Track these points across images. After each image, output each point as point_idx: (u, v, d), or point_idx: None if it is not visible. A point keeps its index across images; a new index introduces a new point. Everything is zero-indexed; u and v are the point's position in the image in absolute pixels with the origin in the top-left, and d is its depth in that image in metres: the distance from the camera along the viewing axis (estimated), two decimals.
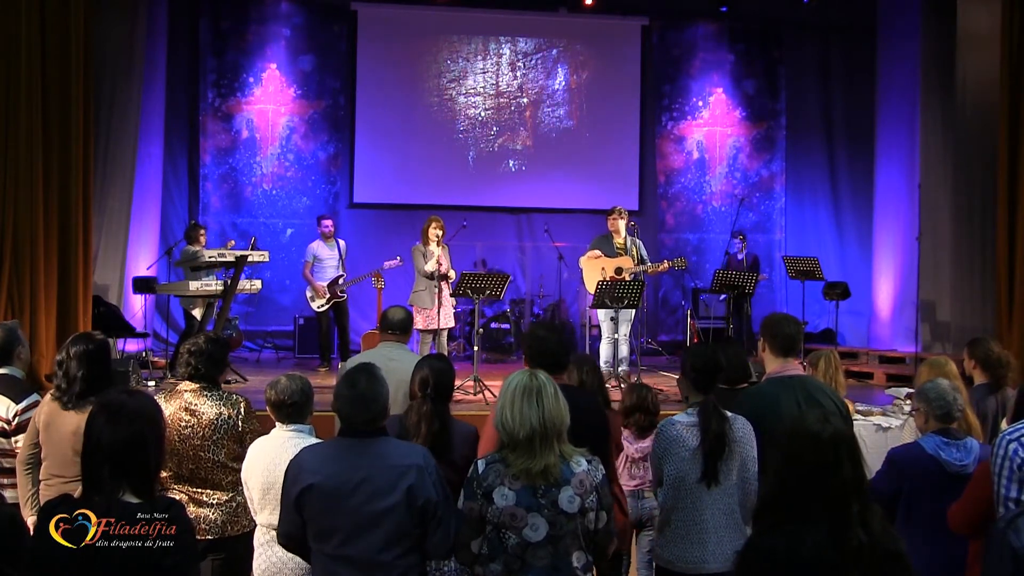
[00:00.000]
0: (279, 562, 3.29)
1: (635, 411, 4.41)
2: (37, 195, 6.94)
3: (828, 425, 2.15)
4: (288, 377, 3.40)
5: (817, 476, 2.09)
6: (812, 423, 2.18)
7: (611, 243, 8.02)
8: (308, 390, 3.40)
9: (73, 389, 3.53)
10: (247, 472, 3.39)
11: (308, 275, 9.05)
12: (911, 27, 9.85)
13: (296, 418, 3.37)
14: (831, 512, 2.06)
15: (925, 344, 9.38)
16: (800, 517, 2.08)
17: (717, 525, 3.22)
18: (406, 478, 2.73)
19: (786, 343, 3.62)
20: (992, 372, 4.37)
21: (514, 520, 2.67)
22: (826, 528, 2.05)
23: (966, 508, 3.16)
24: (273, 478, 3.24)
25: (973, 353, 4.47)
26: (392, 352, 4.23)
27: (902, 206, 10.13)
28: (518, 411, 2.70)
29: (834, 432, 2.13)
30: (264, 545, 3.37)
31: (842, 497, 2.07)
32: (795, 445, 2.16)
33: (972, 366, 4.47)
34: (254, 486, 3.36)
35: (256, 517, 3.43)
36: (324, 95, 11.12)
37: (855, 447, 2.15)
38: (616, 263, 7.89)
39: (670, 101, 11.77)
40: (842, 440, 2.13)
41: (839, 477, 2.08)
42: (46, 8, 7.02)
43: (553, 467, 2.67)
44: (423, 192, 11.08)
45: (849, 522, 2.05)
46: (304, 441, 3.28)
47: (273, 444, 3.36)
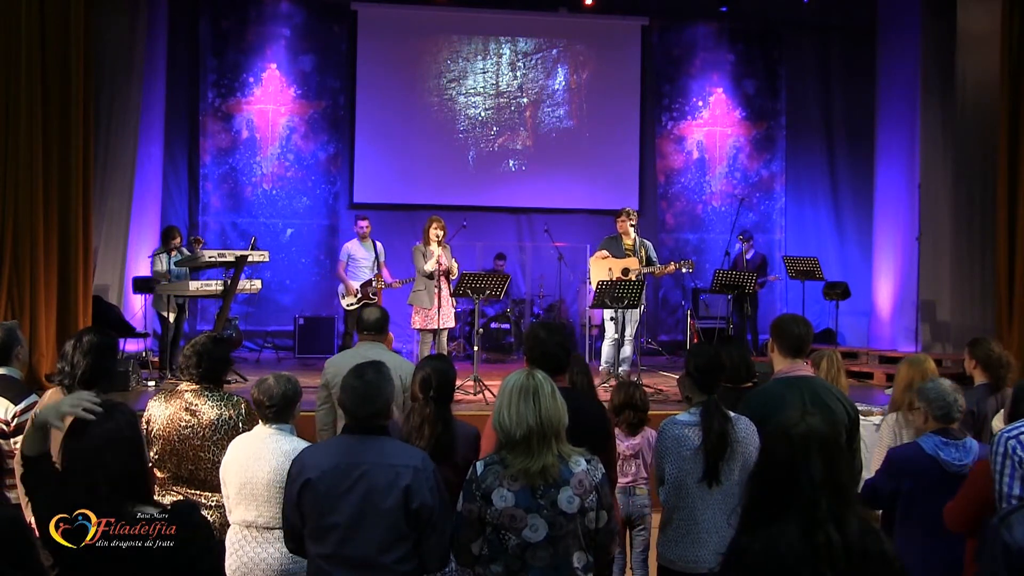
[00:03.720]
0: (250, 562, 3.25)
1: (624, 409, 4.44)
2: (37, 195, 6.94)
3: (802, 423, 2.13)
4: (275, 378, 3.38)
5: (787, 473, 2.08)
6: (786, 420, 2.16)
7: (620, 244, 8.00)
8: (292, 393, 3.36)
9: (76, 374, 3.52)
10: (225, 468, 3.35)
11: (342, 274, 8.94)
12: (911, 27, 9.84)
13: (277, 419, 3.36)
14: (800, 511, 2.04)
15: (925, 344, 9.38)
16: (774, 516, 2.07)
17: (718, 525, 3.22)
18: (403, 478, 2.73)
19: (795, 343, 3.61)
20: (993, 372, 4.37)
21: (513, 521, 2.67)
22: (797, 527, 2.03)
23: (962, 507, 3.17)
24: (249, 475, 3.22)
25: (974, 353, 4.45)
26: (369, 351, 4.22)
27: (902, 206, 10.13)
28: (515, 411, 2.69)
29: (806, 430, 2.11)
30: (236, 543, 3.31)
31: (811, 495, 2.04)
32: (769, 442, 2.17)
33: (973, 366, 4.46)
34: (230, 482, 3.31)
35: (230, 515, 3.37)
36: (324, 95, 11.12)
37: (832, 446, 2.11)
38: (623, 264, 7.88)
39: (670, 101, 11.78)
40: (814, 438, 2.09)
41: (807, 475, 2.05)
42: (46, 8, 7.02)
43: (551, 467, 2.67)
44: (423, 192, 11.08)
45: (818, 521, 2.02)
46: (284, 439, 3.27)
47: (252, 441, 3.33)
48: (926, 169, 9.58)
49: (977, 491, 3.11)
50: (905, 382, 4.09)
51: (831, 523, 2.02)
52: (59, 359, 3.64)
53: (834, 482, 2.07)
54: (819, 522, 2.02)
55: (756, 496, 2.16)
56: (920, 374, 4.03)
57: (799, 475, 2.06)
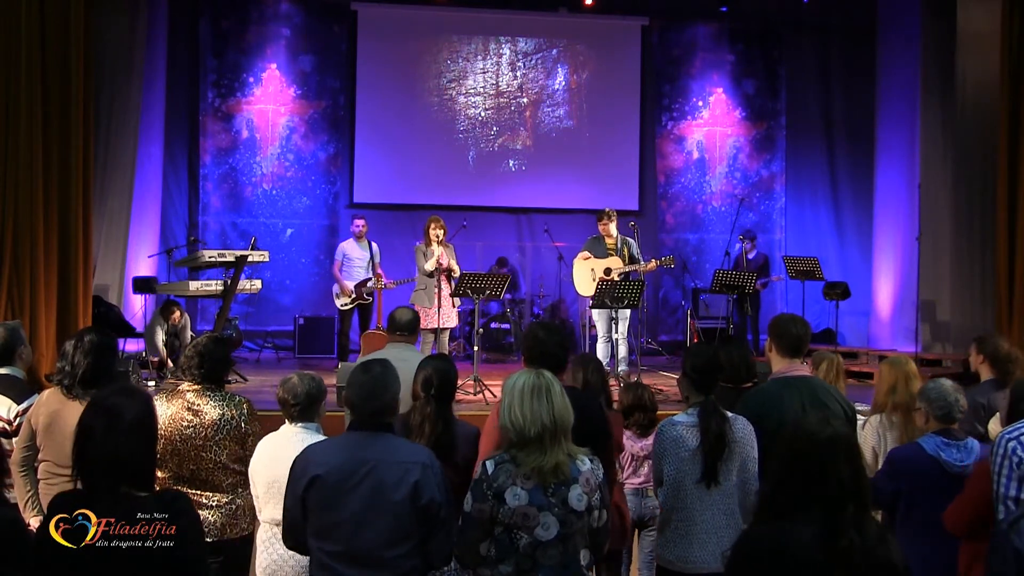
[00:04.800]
0: (280, 559, 3.30)
1: (634, 410, 4.42)
2: (37, 195, 6.94)
3: (827, 427, 2.15)
4: (299, 377, 3.42)
5: (813, 477, 2.09)
6: (811, 424, 2.18)
7: (602, 244, 8.04)
8: (316, 392, 3.40)
9: (76, 373, 3.52)
10: (253, 468, 3.41)
11: (337, 273, 8.89)
12: (911, 27, 9.85)
13: (303, 417, 3.39)
14: (826, 513, 2.06)
15: (925, 344, 9.39)
16: (794, 516, 2.09)
17: (717, 525, 3.22)
18: (412, 474, 2.74)
19: (793, 344, 3.61)
20: (1000, 368, 4.34)
21: (526, 520, 2.66)
22: (819, 528, 2.04)
23: (963, 509, 3.16)
24: (277, 473, 3.24)
25: (982, 348, 4.44)
26: (401, 353, 4.22)
27: (902, 206, 10.13)
28: (528, 408, 2.69)
29: (832, 434, 2.13)
30: (266, 542, 3.37)
31: (838, 499, 2.06)
32: (794, 445, 2.17)
33: (980, 361, 4.43)
34: (258, 481, 3.37)
35: (260, 514, 3.43)
36: (324, 95, 11.12)
37: (854, 450, 2.14)
38: (605, 264, 7.92)
39: (670, 101, 11.78)
40: (840, 442, 2.12)
41: (835, 479, 2.07)
42: (46, 8, 7.02)
43: (563, 464, 2.68)
44: (423, 192, 11.08)
45: (843, 524, 2.04)
46: (311, 438, 3.29)
47: (279, 440, 3.38)
48: (926, 169, 9.58)
49: (978, 493, 3.11)
50: (888, 384, 4.04)
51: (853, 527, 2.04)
52: (59, 359, 3.64)
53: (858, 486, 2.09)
54: (844, 527, 2.03)
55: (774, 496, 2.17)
56: (904, 376, 3.99)
57: (826, 479, 2.07)
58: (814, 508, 2.07)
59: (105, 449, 2.30)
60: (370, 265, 8.84)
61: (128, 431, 2.33)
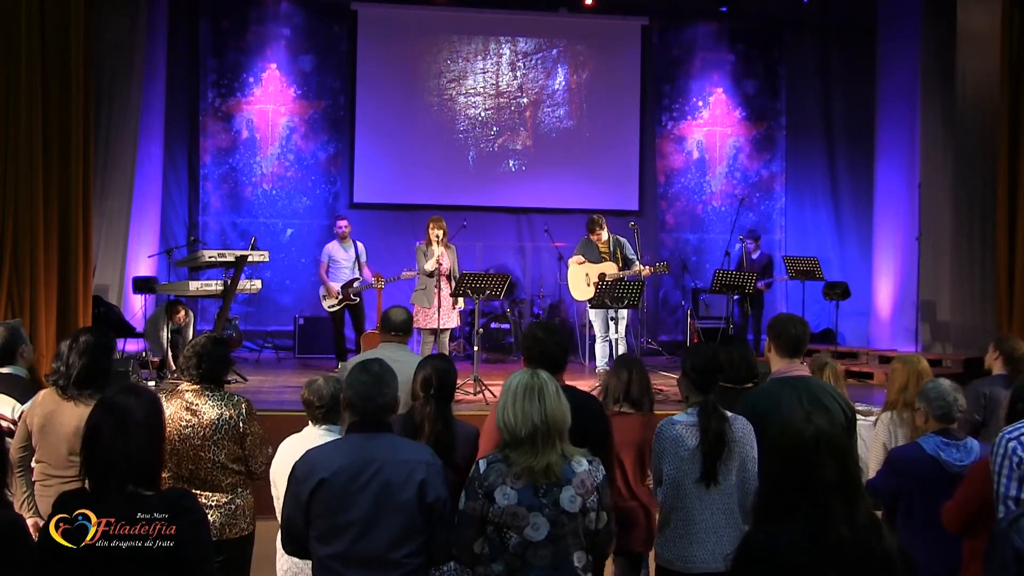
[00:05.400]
0: (301, 560, 3.27)
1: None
2: (37, 195, 6.94)
3: (810, 424, 2.15)
4: (325, 379, 3.45)
5: (799, 474, 2.09)
6: (795, 423, 2.18)
7: (595, 248, 8.03)
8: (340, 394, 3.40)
9: (71, 374, 3.52)
10: (276, 469, 3.43)
11: (323, 275, 8.87)
12: (911, 27, 9.85)
13: (328, 419, 3.39)
14: (814, 510, 2.05)
15: (925, 344, 9.39)
16: (785, 515, 2.09)
17: (716, 525, 3.22)
18: (418, 472, 2.74)
19: (792, 344, 3.62)
20: (1013, 367, 4.61)
21: (515, 519, 2.67)
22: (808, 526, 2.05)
23: (959, 506, 3.18)
24: None
25: (1000, 347, 4.72)
26: (395, 353, 4.21)
27: (902, 206, 10.13)
28: (520, 409, 2.70)
29: (815, 431, 2.12)
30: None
31: (825, 495, 2.06)
32: (780, 445, 2.18)
33: (995, 357, 4.72)
34: (279, 483, 3.37)
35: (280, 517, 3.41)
36: (324, 95, 11.12)
37: (841, 447, 2.13)
38: (600, 269, 7.91)
39: (670, 101, 11.78)
40: (824, 439, 2.11)
41: (820, 476, 2.07)
42: (46, 8, 7.02)
43: (555, 465, 2.67)
44: (423, 192, 11.08)
45: (832, 520, 2.04)
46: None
47: (301, 442, 3.39)
48: (926, 169, 9.58)
49: (975, 491, 3.12)
50: (900, 382, 4.14)
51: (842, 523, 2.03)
52: (55, 359, 3.63)
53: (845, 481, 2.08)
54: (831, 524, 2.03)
55: (767, 496, 2.18)
56: (915, 374, 4.07)
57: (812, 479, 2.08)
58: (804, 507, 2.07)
59: (115, 449, 2.31)
60: (355, 265, 8.81)
61: (137, 430, 2.34)
